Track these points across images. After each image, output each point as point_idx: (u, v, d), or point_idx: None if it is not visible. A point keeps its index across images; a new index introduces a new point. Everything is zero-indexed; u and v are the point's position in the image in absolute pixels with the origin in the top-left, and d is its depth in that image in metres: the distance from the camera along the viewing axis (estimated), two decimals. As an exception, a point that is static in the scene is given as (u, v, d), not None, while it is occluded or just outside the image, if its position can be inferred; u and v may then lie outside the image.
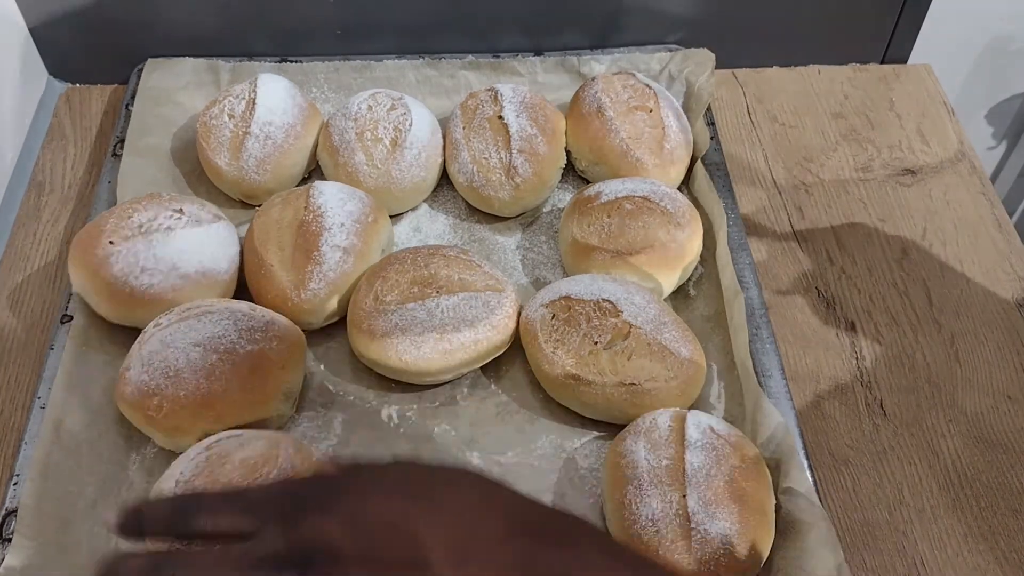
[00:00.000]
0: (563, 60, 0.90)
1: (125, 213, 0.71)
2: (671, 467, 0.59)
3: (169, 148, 0.84)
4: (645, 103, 0.80)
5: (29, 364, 0.73)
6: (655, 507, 0.57)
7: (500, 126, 0.78)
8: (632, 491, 0.58)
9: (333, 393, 0.70)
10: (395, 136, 0.78)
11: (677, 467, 0.58)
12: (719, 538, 0.56)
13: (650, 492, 0.58)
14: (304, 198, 0.72)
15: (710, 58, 0.87)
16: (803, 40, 0.95)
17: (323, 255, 0.70)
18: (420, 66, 0.89)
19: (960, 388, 0.72)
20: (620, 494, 0.59)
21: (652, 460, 0.59)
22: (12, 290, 0.78)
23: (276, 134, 0.78)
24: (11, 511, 0.60)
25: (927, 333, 0.75)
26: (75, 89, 0.94)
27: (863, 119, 0.92)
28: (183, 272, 0.69)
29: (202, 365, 0.63)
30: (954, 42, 0.98)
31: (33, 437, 0.64)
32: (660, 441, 0.60)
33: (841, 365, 0.73)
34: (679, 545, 0.56)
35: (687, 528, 0.56)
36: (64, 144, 0.89)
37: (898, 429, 0.69)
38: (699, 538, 0.56)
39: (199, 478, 0.57)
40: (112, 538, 0.62)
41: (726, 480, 0.58)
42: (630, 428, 0.63)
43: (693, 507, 0.56)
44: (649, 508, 0.57)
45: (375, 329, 0.67)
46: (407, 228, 0.81)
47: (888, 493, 0.66)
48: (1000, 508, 0.65)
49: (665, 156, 0.78)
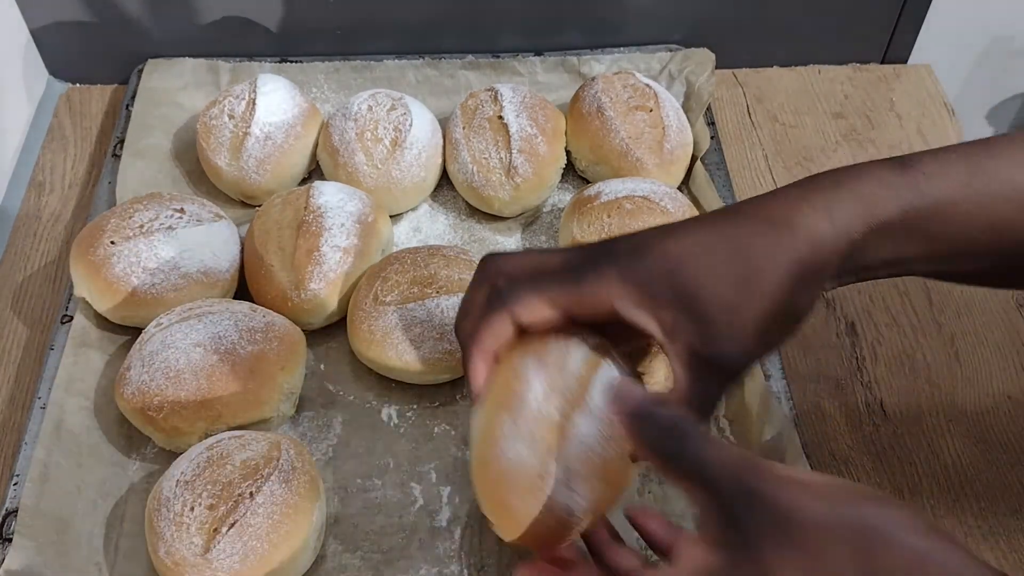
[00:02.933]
0: (563, 60, 0.90)
1: (126, 213, 0.71)
2: (557, 424, 0.51)
3: (169, 148, 0.85)
4: (645, 103, 0.80)
5: (29, 364, 0.73)
6: (522, 452, 0.50)
7: (500, 126, 0.78)
8: (509, 424, 0.51)
9: (333, 393, 0.70)
10: (395, 136, 0.78)
11: (562, 425, 0.50)
12: (566, 508, 0.51)
13: (524, 436, 0.50)
14: (304, 198, 0.72)
15: (710, 58, 0.87)
16: (803, 40, 0.95)
17: (323, 255, 0.70)
18: (420, 66, 0.89)
19: (960, 388, 0.72)
20: (498, 416, 0.52)
21: (542, 404, 0.50)
22: (12, 290, 0.78)
23: (276, 134, 0.78)
24: (11, 511, 0.60)
25: (927, 333, 0.75)
26: (75, 89, 0.94)
27: (863, 119, 0.92)
28: (184, 271, 0.69)
29: (203, 365, 0.63)
30: (954, 42, 0.98)
31: (33, 437, 0.64)
32: (561, 386, 0.50)
33: (841, 365, 0.73)
34: (528, 500, 0.50)
35: (542, 490, 0.50)
36: (64, 144, 0.89)
37: (898, 429, 0.69)
38: (548, 503, 0.50)
39: (200, 478, 0.58)
40: (111, 539, 0.62)
41: (601, 460, 0.51)
42: (537, 350, 0.51)
43: (558, 475, 0.50)
44: (516, 451, 0.50)
45: (375, 329, 0.67)
46: (407, 228, 0.81)
47: (888, 493, 0.66)
48: (1000, 508, 0.65)
49: (665, 156, 0.78)
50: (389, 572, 0.61)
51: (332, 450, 0.67)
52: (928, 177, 0.48)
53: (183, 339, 0.64)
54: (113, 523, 0.62)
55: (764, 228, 0.47)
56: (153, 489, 0.60)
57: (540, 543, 0.51)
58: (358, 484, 0.65)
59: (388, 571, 0.61)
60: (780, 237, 0.46)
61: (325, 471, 0.65)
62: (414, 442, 0.67)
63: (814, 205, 0.47)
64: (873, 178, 0.47)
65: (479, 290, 0.52)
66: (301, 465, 0.60)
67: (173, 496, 0.57)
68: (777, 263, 0.46)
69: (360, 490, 0.64)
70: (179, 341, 0.64)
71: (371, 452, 0.66)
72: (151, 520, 0.58)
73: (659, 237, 0.48)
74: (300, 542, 0.58)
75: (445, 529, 0.63)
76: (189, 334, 0.64)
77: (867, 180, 0.47)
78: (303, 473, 0.59)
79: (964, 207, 0.48)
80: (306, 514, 0.58)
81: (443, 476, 0.65)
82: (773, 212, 0.47)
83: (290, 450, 0.60)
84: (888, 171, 0.48)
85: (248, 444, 0.60)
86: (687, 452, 0.42)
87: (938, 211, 0.48)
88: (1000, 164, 0.49)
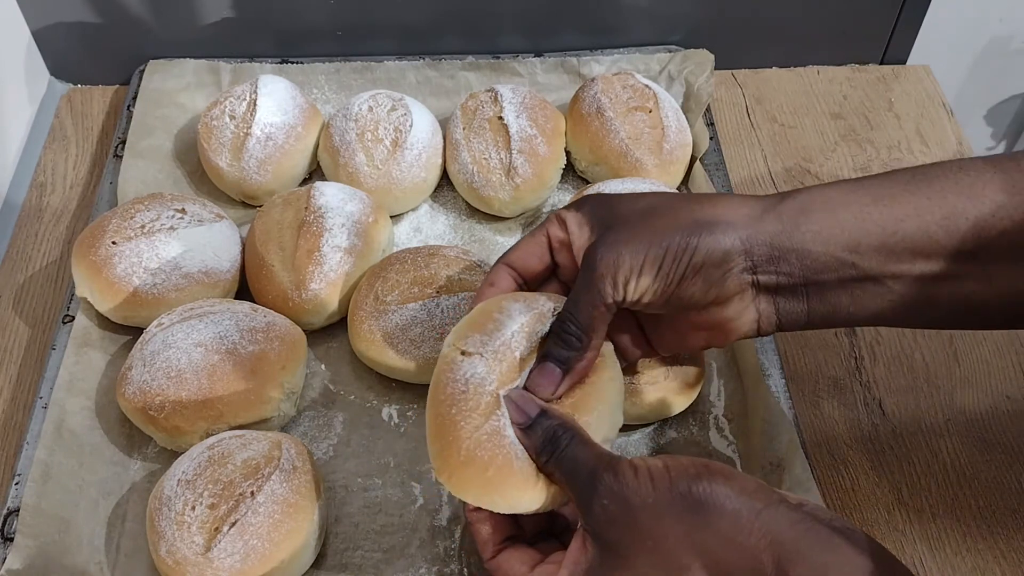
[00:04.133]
0: (563, 61, 0.90)
1: (128, 213, 0.71)
2: (518, 361, 0.51)
3: (170, 149, 0.85)
4: (645, 103, 0.80)
5: (31, 364, 0.73)
6: (480, 371, 0.51)
7: (500, 127, 0.79)
8: (477, 341, 0.52)
9: (334, 393, 0.70)
10: (396, 137, 0.78)
11: (522, 363, 0.51)
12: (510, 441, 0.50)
13: (487, 357, 0.51)
14: (305, 199, 0.73)
15: (709, 59, 0.88)
16: (802, 41, 0.95)
17: (324, 255, 0.70)
18: (420, 67, 0.90)
19: (959, 388, 0.72)
20: (470, 336, 0.52)
21: (516, 336, 0.51)
22: (14, 290, 0.78)
23: (277, 135, 0.79)
24: (13, 511, 0.61)
25: (926, 333, 0.75)
26: (77, 90, 0.94)
27: (862, 119, 0.92)
28: (186, 272, 0.69)
29: (204, 365, 0.63)
30: (953, 43, 0.98)
31: (35, 437, 0.64)
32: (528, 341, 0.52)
33: (840, 365, 0.73)
34: (473, 420, 0.50)
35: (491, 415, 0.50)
36: (66, 145, 0.89)
37: (897, 429, 0.70)
38: (491, 428, 0.50)
39: (201, 477, 0.58)
40: (112, 539, 0.62)
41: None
42: (527, 299, 0.53)
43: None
44: (475, 370, 0.51)
45: (375, 329, 0.67)
46: (407, 228, 0.81)
47: (887, 493, 0.66)
48: (999, 507, 0.65)
49: (665, 156, 0.79)
50: (389, 571, 0.61)
51: (333, 449, 0.67)
52: (869, 177, 0.53)
53: (184, 339, 0.64)
54: (114, 522, 0.63)
55: (692, 194, 0.55)
56: (154, 488, 0.60)
57: (478, 481, 0.49)
58: (359, 483, 0.65)
59: (388, 570, 0.61)
60: (699, 198, 0.54)
61: (326, 470, 0.65)
62: (414, 441, 0.67)
63: (748, 195, 0.54)
64: (818, 185, 0.53)
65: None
66: (302, 464, 0.60)
67: (174, 495, 0.58)
68: (682, 207, 0.53)
69: (361, 489, 0.65)
70: (180, 341, 0.64)
71: (371, 451, 0.67)
72: (152, 519, 0.58)
73: (615, 195, 0.57)
74: (301, 541, 0.58)
75: (445, 528, 0.63)
76: (190, 334, 0.64)
77: (812, 186, 0.53)
78: (304, 472, 0.59)
79: (913, 200, 0.50)
80: (307, 513, 0.58)
81: (443, 475, 0.65)
82: (707, 195, 0.56)
83: (291, 449, 0.60)
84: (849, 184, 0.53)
85: (249, 443, 0.60)
86: (562, 455, 0.48)
87: (885, 200, 0.51)
88: (939, 169, 0.51)
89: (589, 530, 0.46)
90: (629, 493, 0.45)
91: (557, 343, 0.51)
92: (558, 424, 0.49)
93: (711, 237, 0.51)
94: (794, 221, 0.51)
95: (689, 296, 0.52)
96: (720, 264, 0.51)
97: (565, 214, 0.55)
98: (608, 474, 0.46)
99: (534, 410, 0.49)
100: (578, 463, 0.47)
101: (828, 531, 0.42)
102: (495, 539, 0.52)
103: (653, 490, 0.44)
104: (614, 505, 0.45)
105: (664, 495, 0.44)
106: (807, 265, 0.51)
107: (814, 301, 0.53)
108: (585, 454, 0.47)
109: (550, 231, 0.56)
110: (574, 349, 0.51)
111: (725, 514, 0.43)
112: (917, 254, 0.50)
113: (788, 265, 0.51)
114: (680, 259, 0.51)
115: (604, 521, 0.45)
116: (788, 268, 0.51)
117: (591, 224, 0.54)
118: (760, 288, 0.53)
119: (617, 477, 0.45)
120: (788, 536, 0.42)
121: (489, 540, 0.52)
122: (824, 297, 0.52)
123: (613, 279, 0.51)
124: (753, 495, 0.43)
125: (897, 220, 0.50)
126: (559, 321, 0.52)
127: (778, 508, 0.43)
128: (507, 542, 0.52)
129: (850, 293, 0.52)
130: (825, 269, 0.51)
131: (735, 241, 0.51)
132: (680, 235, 0.51)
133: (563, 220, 0.55)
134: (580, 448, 0.48)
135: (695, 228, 0.51)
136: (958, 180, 0.50)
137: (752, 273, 0.52)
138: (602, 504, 0.45)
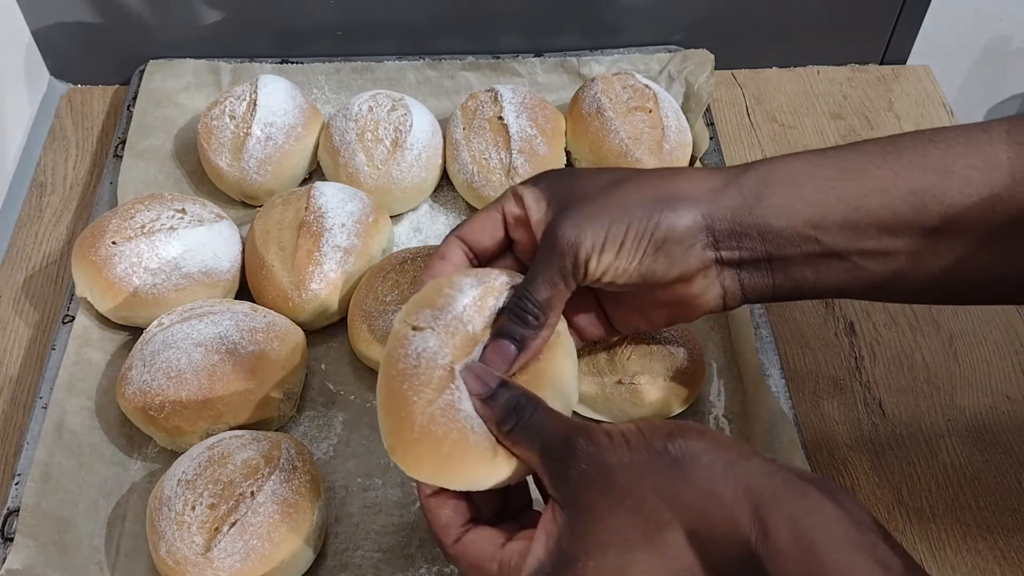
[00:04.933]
0: (563, 61, 0.90)
1: (128, 213, 0.71)
2: (471, 336, 0.51)
3: (170, 149, 0.85)
4: (644, 103, 0.80)
5: (31, 364, 0.73)
6: (432, 345, 0.50)
7: (500, 127, 0.79)
8: (428, 317, 0.50)
9: (334, 393, 0.70)
10: (396, 137, 0.78)
11: (475, 338, 0.51)
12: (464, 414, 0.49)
13: (439, 331, 0.50)
14: (305, 199, 0.73)
15: (709, 59, 0.88)
16: (802, 41, 0.95)
17: (324, 255, 0.70)
18: (420, 67, 0.90)
19: (959, 388, 0.72)
20: (420, 312, 0.51)
21: (467, 311, 0.50)
22: (14, 290, 0.78)
23: (277, 135, 0.79)
24: (13, 511, 0.60)
25: (926, 333, 0.75)
26: (77, 90, 0.94)
27: (862, 119, 0.92)
28: (186, 272, 0.69)
29: (204, 365, 0.63)
30: (953, 43, 0.98)
31: (35, 437, 0.64)
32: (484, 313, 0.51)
33: (840, 365, 0.73)
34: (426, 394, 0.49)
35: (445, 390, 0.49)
36: (66, 145, 0.89)
37: (897, 429, 0.70)
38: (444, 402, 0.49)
39: (201, 477, 0.58)
40: (112, 539, 0.62)
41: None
42: (479, 275, 0.52)
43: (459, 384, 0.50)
44: (427, 344, 0.49)
45: (375, 329, 0.67)
46: (407, 228, 0.81)
47: (887, 493, 0.66)
48: (999, 507, 0.65)
49: (665, 156, 0.79)
50: (389, 571, 0.61)
51: (333, 449, 0.67)
52: (835, 148, 0.52)
53: (184, 339, 0.64)
54: (114, 522, 0.63)
55: (654, 169, 0.54)
56: (154, 488, 0.60)
57: (432, 457, 0.47)
58: (358, 483, 0.65)
59: (388, 570, 0.61)
60: (661, 173, 0.53)
61: (326, 470, 0.65)
62: (414, 442, 0.67)
63: (710, 168, 0.53)
64: (779, 156, 0.52)
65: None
66: (302, 464, 0.60)
67: (174, 495, 0.58)
68: (644, 183, 0.52)
69: (360, 489, 0.65)
70: (180, 341, 0.64)
71: (371, 451, 0.66)
72: (152, 519, 0.58)
73: (573, 169, 0.56)
74: (301, 541, 0.58)
75: (445, 528, 0.63)
76: (190, 334, 0.64)
77: (774, 157, 0.52)
78: (304, 472, 0.60)
79: (879, 174, 0.49)
80: (307, 513, 0.58)
81: (443, 475, 0.65)
82: (669, 169, 0.55)
83: (291, 449, 0.60)
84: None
85: (249, 443, 0.60)
86: (528, 422, 0.47)
87: (850, 175, 0.50)
88: (910, 140, 0.50)
89: (558, 499, 0.45)
90: (606, 456, 0.44)
91: (513, 320, 0.50)
92: (521, 394, 0.48)
93: (673, 214, 0.50)
94: (756, 194, 0.50)
95: (651, 273, 0.51)
96: (681, 241, 0.50)
97: (521, 189, 0.53)
98: (582, 438, 0.45)
99: (495, 381, 0.48)
100: (547, 430, 0.46)
101: (801, 481, 0.42)
102: (457, 521, 0.49)
103: (629, 451, 0.44)
104: (592, 468, 0.44)
105: (640, 455, 0.44)
106: (769, 240, 0.50)
107: (779, 276, 0.52)
108: (554, 422, 0.46)
109: (505, 207, 0.54)
110: (530, 327, 0.50)
111: (701, 467, 0.43)
112: (883, 230, 0.49)
113: (750, 240, 0.51)
114: (642, 237, 0.50)
115: (580, 485, 0.44)
116: (750, 244, 0.51)
117: (549, 199, 0.52)
118: (724, 263, 0.52)
119: (592, 441, 0.45)
120: (763, 485, 0.42)
121: (450, 523, 0.49)
122: (788, 272, 0.52)
123: (575, 257, 0.50)
124: (728, 448, 0.43)
125: (861, 195, 0.49)
126: (516, 297, 0.50)
127: (752, 460, 0.43)
128: (468, 525, 0.50)
129: (815, 268, 0.51)
130: (788, 244, 0.50)
131: (696, 217, 0.50)
132: (642, 211, 0.50)
133: (519, 196, 0.53)
134: (547, 416, 0.47)
135: (656, 204, 0.50)
136: (927, 153, 0.49)
137: (715, 249, 0.51)
138: (580, 468, 0.44)
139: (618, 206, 0.50)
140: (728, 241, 0.51)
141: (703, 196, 0.51)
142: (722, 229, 0.51)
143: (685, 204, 0.50)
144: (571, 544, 0.44)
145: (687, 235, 0.50)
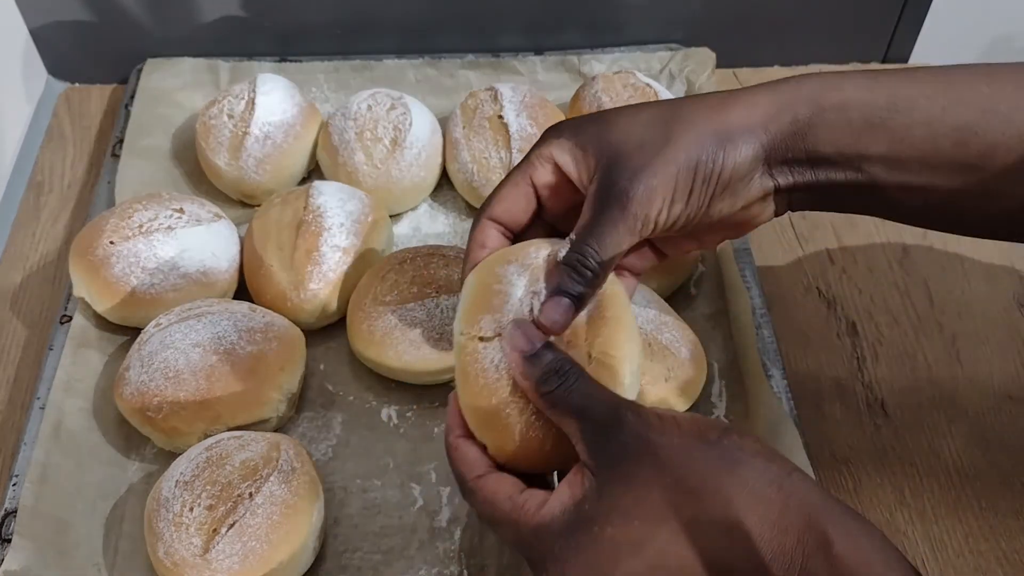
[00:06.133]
0: (563, 59, 0.90)
1: (126, 213, 0.71)
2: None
3: (168, 148, 0.84)
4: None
5: (28, 364, 0.73)
6: (522, 405, 0.50)
7: (500, 126, 0.78)
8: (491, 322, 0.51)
9: (333, 393, 0.70)
10: (395, 136, 0.78)
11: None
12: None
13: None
14: (304, 198, 0.72)
15: (711, 57, 0.87)
16: (804, 39, 0.95)
17: (323, 255, 0.70)
18: (420, 65, 0.89)
19: (961, 388, 0.72)
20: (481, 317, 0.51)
21: (524, 303, 0.50)
22: (11, 290, 0.78)
23: (275, 134, 0.78)
24: (10, 512, 0.60)
25: (928, 333, 0.75)
26: (74, 89, 0.94)
27: (864, 118, 0.91)
28: (184, 272, 0.69)
29: (202, 366, 0.63)
30: (955, 41, 0.98)
31: (32, 438, 0.64)
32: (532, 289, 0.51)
33: (842, 365, 0.73)
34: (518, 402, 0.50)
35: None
36: (63, 144, 0.89)
37: (899, 429, 0.69)
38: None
39: (199, 479, 0.57)
40: (110, 540, 0.62)
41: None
42: (517, 256, 0.52)
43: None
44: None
45: (375, 329, 0.67)
46: (407, 228, 0.81)
47: (889, 494, 0.66)
48: (1002, 509, 0.65)
49: (665, 156, 0.78)
50: (389, 572, 0.61)
51: (332, 450, 0.66)
52: (890, 73, 0.51)
53: (182, 339, 0.64)
54: (112, 524, 0.62)
55: (693, 99, 0.52)
56: (152, 490, 0.60)
57: (529, 456, 0.49)
58: (358, 484, 0.65)
59: (388, 571, 0.61)
60: (707, 103, 0.51)
61: (325, 471, 0.65)
62: (414, 442, 0.67)
63: (757, 89, 0.51)
64: (832, 74, 0.51)
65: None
66: (300, 465, 0.60)
67: (172, 497, 0.57)
68: (696, 119, 0.50)
69: (360, 490, 0.64)
70: (178, 341, 0.63)
71: (371, 452, 0.66)
72: (150, 521, 0.58)
73: (600, 113, 0.53)
74: (299, 542, 0.58)
75: (445, 530, 0.62)
76: (188, 334, 0.64)
77: (826, 75, 0.51)
78: (303, 473, 0.59)
79: (927, 107, 0.49)
80: (306, 514, 0.58)
81: (443, 476, 0.65)
82: (710, 95, 0.52)
83: (289, 450, 0.60)
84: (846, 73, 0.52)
85: (247, 444, 0.60)
86: (572, 387, 0.46)
87: (899, 106, 0.50)
88: (965, 74, 0.50)
89: (591, 465, 0.45)
90: (654, 434, 0.44)
91: (572, 276, 0.49)
92: (566, 359, 0.47)
93: (735, 150, 0.49)
94: (808, 122, 0.50)
95: (718, 212, 0.51)
96: (744, 176, 0.50)
97: (551, 151, 0.51)
98: (631, 413, 0.45)
99: (540, 341, 0.48)
100: (593, 398, 0.46)
101: (839, 502, 0.43)
102: (483, 462, 0.49)
103: (680, 435, 0.44)
104: (636, 442, 0.44)
105: (691, 441, 0.44)
106: (819, 167, 0.51)
107: (826, 198, 0.53)
108: (600, 391, 0.46)
109: (534, 176, 0.52)
110: (590, 286, 0.49)
111: (754, 468, 0.43)
112: (924, 165, 0.50)
113: (801, 166, 0.51)
114: (708, 180, 0.49)
115: (619, 455, 0.44)
116: (801, 169, 0.51)
117: (591, 152, 0.50)
118: (779, 190, 0.52)
119: (641, 417, 0.44)
120: (816, 499, 0.42)
121: (477, 462, 0.49)
122: (834, 195, 0.52)
123: (645, 215, 0.49)
124: (775, 459, 0.44)
125: (907, 127, 0.49)
126: (578, 255, 0.49)
127: (797, 474, 0.43)
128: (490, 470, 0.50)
129: (857, 193, 0.52)
130: (835, 170, 0.51)
131: (757, 149, 0.50)
132: (704, 153, 0.48)
133: (550, 158, 0.52)
134: (593, 386, 0.46)
135: (717, 142, 0.49)
136: (978, 91, 0.49)
137: (771, 178, 0.51)
138: (620, 441, 0.44)
139: (677, 150, 0.49)
140: (781, 167, 0.51)
141: (759, 125, 0.50)
142: (777, 158, 0.51)
143: (744, 137, 0.50)
144: (593, 507, 0.44)
145: (750, 169, 0.50)
